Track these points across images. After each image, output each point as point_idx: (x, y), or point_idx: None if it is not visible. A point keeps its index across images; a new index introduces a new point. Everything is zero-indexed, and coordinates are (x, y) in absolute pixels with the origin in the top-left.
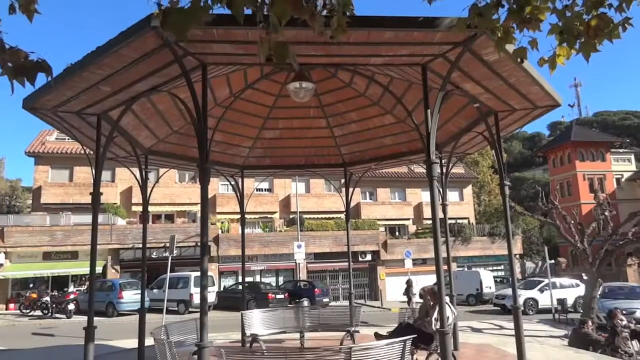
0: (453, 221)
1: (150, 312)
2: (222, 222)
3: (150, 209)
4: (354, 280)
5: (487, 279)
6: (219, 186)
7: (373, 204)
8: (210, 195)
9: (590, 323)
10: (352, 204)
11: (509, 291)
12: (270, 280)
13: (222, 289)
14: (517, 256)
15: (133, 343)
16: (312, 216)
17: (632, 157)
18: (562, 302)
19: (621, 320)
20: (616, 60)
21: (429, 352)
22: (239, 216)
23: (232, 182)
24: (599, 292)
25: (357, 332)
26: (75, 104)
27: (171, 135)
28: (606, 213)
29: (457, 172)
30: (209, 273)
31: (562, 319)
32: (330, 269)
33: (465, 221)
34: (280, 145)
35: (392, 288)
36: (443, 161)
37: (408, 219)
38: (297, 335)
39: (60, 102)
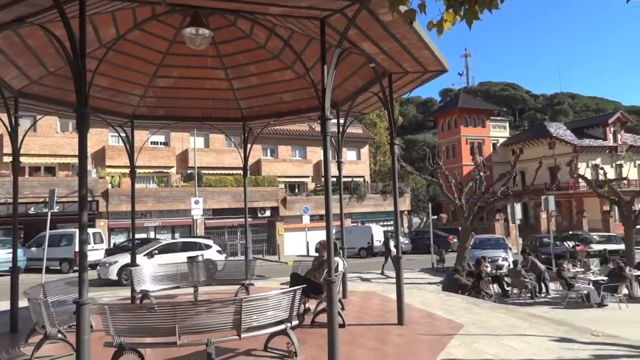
0: (350, 179)
1: (29, 272)
2: (112, 176)
3: (27, 160)
4: (253, 236)
5: (378, 233)
6: (108, 138)
7: (274, 161)
8: (99, 147)
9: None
10: (253, 160)
11: None
12: (166, 236)
13: (112, 246)
14: (406, 212)
15: (5, 305)
16: (211, 172)
17: (507, 124)
18: (440, 253)
19: (486, 267)
20: (502, 34)
21: (319, 301)
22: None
23: (123, 134)
24: (471, 243)
25: (252, 284)
26: None
27: (47, 76)
28: (481, 174)
29: (355, 132)
30: (98, 230)
31: (440, 267)
32: (229, 225)
33: (361, 179)
34: (175, 96)
35: (290, 243)
36: (341, 120)
37: (308, 177)
38: (192, 290)
39: None
